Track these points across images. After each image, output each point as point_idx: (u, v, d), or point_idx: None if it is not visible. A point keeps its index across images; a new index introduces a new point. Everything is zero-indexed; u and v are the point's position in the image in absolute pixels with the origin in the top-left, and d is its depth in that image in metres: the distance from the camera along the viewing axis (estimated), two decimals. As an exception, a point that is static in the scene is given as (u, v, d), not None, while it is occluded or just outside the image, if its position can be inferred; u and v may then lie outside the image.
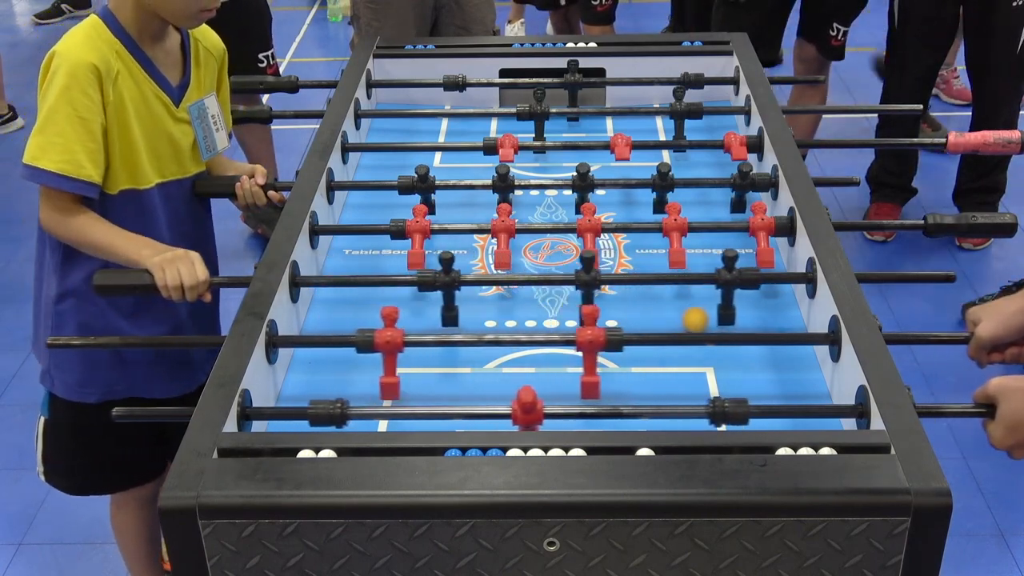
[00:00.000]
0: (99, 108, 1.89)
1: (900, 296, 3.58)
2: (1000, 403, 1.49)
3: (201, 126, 2.08)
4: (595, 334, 1.59)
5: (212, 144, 2.12)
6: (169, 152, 2.03)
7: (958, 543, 2.66)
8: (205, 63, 2.10)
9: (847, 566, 1.30)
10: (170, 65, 2.03)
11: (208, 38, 2.14)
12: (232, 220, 4.01)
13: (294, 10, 6.57)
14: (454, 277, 1.78)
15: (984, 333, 1.65)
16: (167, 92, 2.01)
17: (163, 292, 1.84)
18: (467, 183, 2.17)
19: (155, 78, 1.99)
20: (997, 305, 1.70)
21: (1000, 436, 1.48)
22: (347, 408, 1.51)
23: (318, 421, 1.50)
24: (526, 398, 1.47)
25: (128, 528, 2.36)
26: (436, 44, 2.78)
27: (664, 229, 1.93)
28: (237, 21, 3.61)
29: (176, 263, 1.84)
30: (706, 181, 2.17)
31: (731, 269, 1.76)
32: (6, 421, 3.23)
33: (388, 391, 1.62)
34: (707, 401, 1.50)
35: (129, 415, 1.67)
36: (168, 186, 2.05)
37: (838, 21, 3.92)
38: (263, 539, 1.30)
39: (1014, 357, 1.68)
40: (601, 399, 1.62)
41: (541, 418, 1.49)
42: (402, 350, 1.62)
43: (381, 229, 1.99)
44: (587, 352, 1.60)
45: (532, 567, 1.31)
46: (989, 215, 1.98)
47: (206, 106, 2.09)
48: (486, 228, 1.98)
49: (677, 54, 2.66)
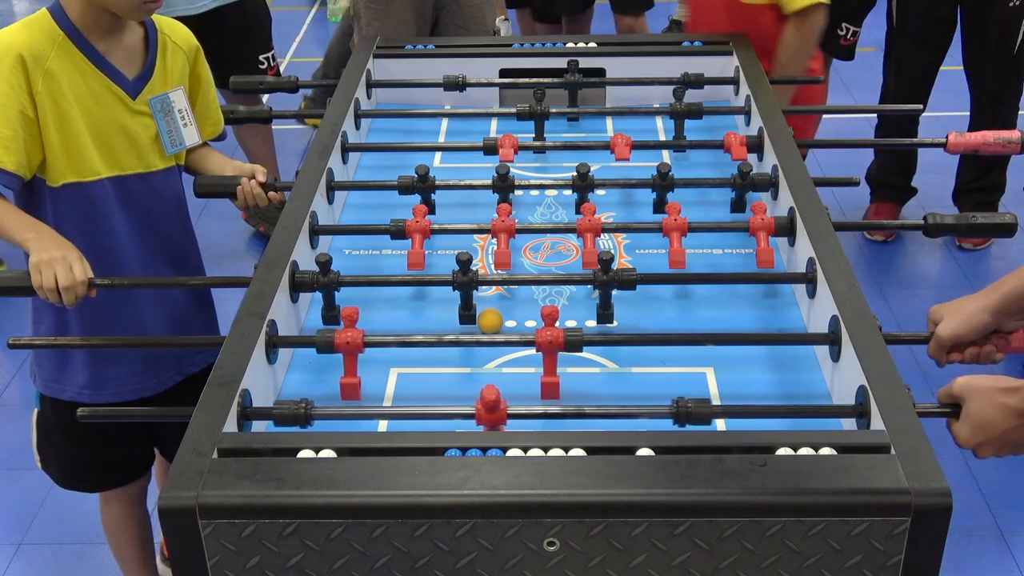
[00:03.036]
0: (20, 95, 1.87)
1: (900, 296, 3.58)
2: (966, 402, 1.48)
3: (165, 120, 2.06)
4: (554, 335, 1.60)
5: (178, 139, 2.09)
6: (124, 145, 2.01)
7: (958, 543, 2.66)
8: (172, 57, 2.08)
9: (847, 566, 1.30)
10: (127, 58, 2.01)
11: (177, 32, 2.11)
12: (232, 220, 4.01)
13: (294, 10, 6.57)
14: (471, 277, 1.78)
15: (944, 332, 1.64)
16: (120, 84, 1.99)
17: (39, 294, 1.83)
18: (467, 183, 2.17)
19: (105, 70, 1.97)
20: (958, 304, 1.67)
21: (966, 436, 1.48)
22: (311, 408, 1.51)
23: (283, 421, 1.50)
24: (489, 396, 1.47)
25: (117, 526, 2.36)
26: (436, 44, 2.78)
27: (664, 229, 1.93)
28: (238, 23, 3.63)
29: (53, 265, 1.81)
30: (706, 181, 2.17)
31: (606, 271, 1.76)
32: (5, 421, 3.23)
33: (348, 391, 1.62)
34: (671, 401, 1.51)
35: (112, 415, 1.66)
36: (126, 180, 2.03)
37: (848, 21, 3.91)
38: (263, 539, 1.30)
39: (973, 357, 1.66)
40: (599, 399, 1.63)
41: (504, 418, 1.50)
42: (362, 351, 1.62)
43: (381, 229, 1.99)
44: (547, 353, 1.60)
45: (532, 567, 1.31)
46: (989, 215, 1.98)
47: (171, 100, 2.07)
48: (486, 228, 1.98)
49: (677, 54, 2.66)
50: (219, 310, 2.33)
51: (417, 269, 1.91)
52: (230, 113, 2.46)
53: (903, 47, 3.90)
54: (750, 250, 1.96)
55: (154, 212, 2.09)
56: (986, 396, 1.46)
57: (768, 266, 1.88)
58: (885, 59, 4.05)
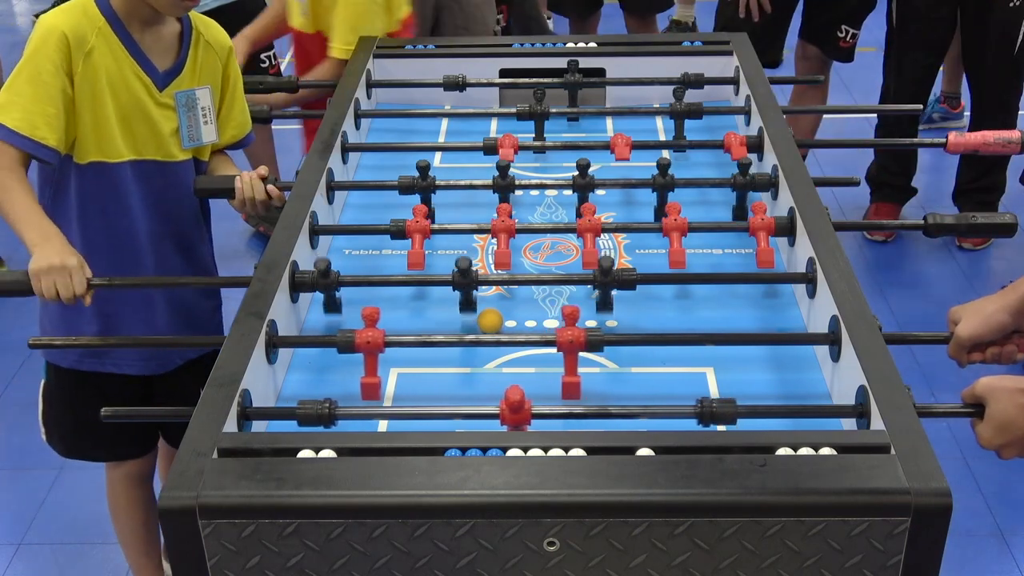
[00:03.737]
0: (63, 75, 1.94)
1: (900, 296, 3.58)
2: (989, 403, 1.48)
3: (187, 115, 2.10)
4: (575, 334, 1.59)
5: (196, 135, 2.13)
6: (146, 132, 2.06)
7: (958, 543, 2.66)
8: (204, 55, 2.12)
9: (847, 566, 1.30)
10: (160, 50, 2.06)
11: (212, 32, 2.16)
12: (233, 220, 4.00)
13: (294, 10, 6.56)
14: (471, 279, 1.79)
15: (964, 332, 1.64)
16: (150, 75, 2.04)
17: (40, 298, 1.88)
18: (467, 183, 2.17)
19: (138, 59, 2.03)
20: (977, 304, 1.67)
21: (989, 436, 1.48)
22: (335, 408, 1.51)
23: (307, 421, 1.50)
24: (514, 397, 1.47)
25: (120, 506, 2.38)
26: (436, 44, 2.78)
27: (664, 229, 1.93)
28: (239, 21, 3.63)
29: (52, 275, 1.84)
30: (707, 181, 2.17)
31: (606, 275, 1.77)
32: (6, 421, 3.23)
33: (369, 391, 1.62)
34: (695, 401, 1.51)
35: (115, 416, 1.67)
36: (144, 165, 2.07)
37: (847, 23, 3.91)
38: (263, 539, 1.30)
39: (995, 356, 1.66)
40: (599, 399, 1.63)
41: (529, 418, 1.50)
42: (382, 350, 1.62)
43: (381, 229, 1.99)
44: (568, 352, 1.61)
45: (532, 567, 1.31)
46: (989, 215, 1.98)
47: (196, 96, 2.11)
48: (486, 228, 1.98)
49: (677, 54, 2.67)
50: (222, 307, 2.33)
51: (417, 269, 1.91)
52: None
53: (903, 47, 3.90)
54: (750, 250, 1.95)
55: (169, 199, 2.13)
56: (1009, 397, 1.46)
57: (768, 266, 1.88)
58: (885, 59, 4.05)
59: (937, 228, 1.94)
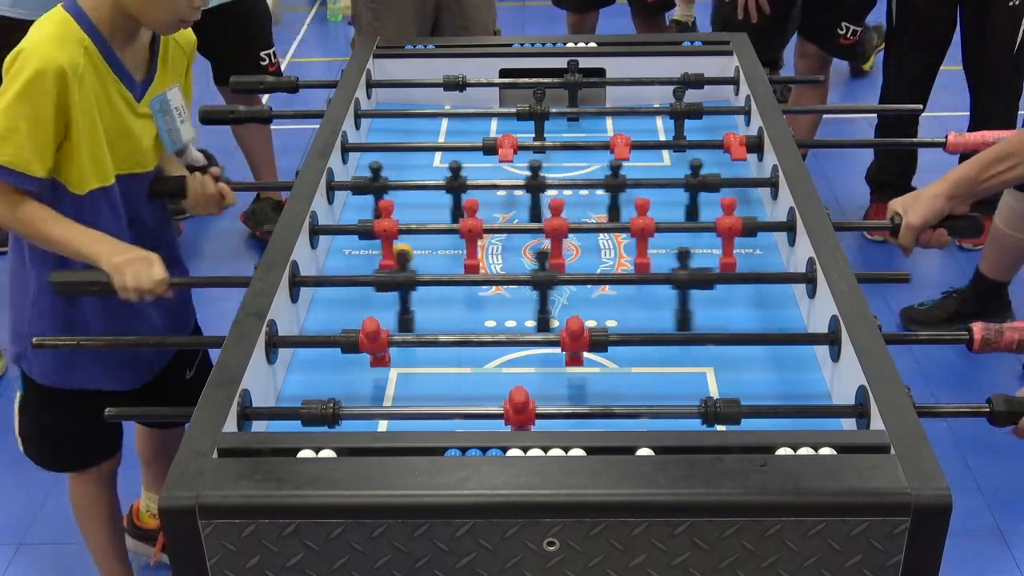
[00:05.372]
0: (60, 111, 1.85)
1: (900, 296, 3.58)
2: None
3: (165, 119, 2.05)
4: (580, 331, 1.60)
5: (177, 137, 2.09)
6: (128, 147, 2.00)
7: (958, 543, 2.65)
8: (173, 57, 2.07)
9: (847, 566, 1.30)
10: (136, 62, 2.00)
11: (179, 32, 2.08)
12: (232, 220, 4.00)
13: (294, 10, 6.57)
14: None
15: (915, 220, 1.87)
16: (130, 88, 1.98)
17: (121, 293, 1.84)
18: (495, 183, 2.15)
19: (120, 76, 1.95)
20: (917, 194, 1.92)
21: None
22: (339, 408, 1.51)
23: (311, 421, 1.50)
24: (518, 398, 1.47)
25: (87, 508, 2.36)
26: (436, 44, 2.78)
27: (632, 229, 1.92)
28: (239, 20, 3.63)
29: (135, 264, 1.83)
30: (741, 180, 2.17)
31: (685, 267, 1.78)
32: (5, 421, 3.22)
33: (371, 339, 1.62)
34: (699, 402, 1.51)
35: (119, 416, 1.67)
36: (127, 179, 2.02)
37: (848, 20, 3.91)
38: (263, 539, 1.30)
39: (927, 240, 1.90)
40: (599, 399, 1.63)
41: (533, 418, 1.50)
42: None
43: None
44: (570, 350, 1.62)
45: (532, 567, 1.31)
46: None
47: (168, 99, 2.06)
48: (487, 228, 1.97)
49: (677, 54, 2.66)
50: (219, 310, 2.33)
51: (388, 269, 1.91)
52: (230, 113, 2.46)
53: (903, 47, 3.90)
54: (749, 250, 1.96)
55: (145, 207, 2.09)
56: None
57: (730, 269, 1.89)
58: (885, 59, 4.05)
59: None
